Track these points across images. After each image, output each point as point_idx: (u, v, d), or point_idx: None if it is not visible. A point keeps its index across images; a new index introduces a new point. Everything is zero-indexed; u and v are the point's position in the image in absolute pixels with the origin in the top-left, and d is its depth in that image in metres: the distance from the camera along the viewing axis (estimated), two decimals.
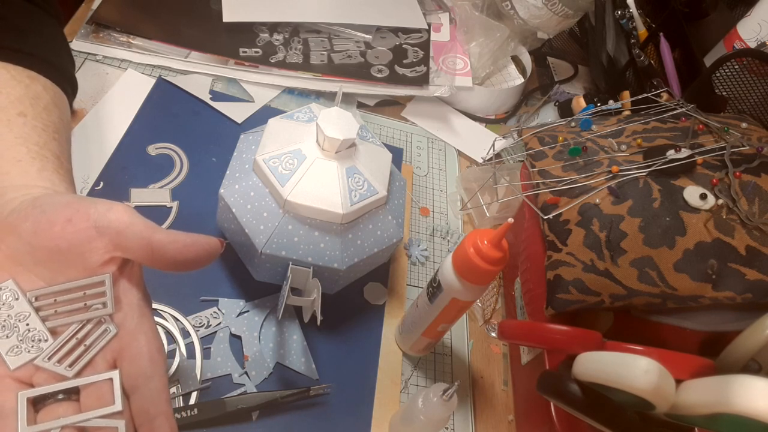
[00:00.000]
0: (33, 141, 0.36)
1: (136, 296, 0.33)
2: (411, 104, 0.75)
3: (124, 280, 0.33)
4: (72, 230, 0.30)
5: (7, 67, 0.40)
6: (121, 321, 0.32)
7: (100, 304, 0.31)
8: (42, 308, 0.31)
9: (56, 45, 0.46)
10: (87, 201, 0.31)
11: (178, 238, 0.32)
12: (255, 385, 0.46)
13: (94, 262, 0.31)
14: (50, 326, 0.31)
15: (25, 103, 0.38)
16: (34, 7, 0.45)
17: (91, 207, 0.31)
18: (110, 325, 0.31)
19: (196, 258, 0.32)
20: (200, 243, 0.32)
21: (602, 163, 0.48)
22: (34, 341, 0.30)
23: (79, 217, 0.30)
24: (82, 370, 0.30)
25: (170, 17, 0.69)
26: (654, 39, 0.71)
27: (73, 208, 0.31)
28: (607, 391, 0.34)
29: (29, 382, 0.30)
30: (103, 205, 0.31)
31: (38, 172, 0.35)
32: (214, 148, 0.60)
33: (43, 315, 0.31)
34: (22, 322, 0.30)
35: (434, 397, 0.41)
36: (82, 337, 0.31)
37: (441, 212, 0.66)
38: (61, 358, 0.30)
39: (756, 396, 0.29)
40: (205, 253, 0.33)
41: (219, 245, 0.33)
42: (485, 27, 0.77)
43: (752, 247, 0.41)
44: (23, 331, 0.30)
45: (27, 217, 0.30)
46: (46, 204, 0.31)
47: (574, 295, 0.43)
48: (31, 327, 0.30)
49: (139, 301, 0.33)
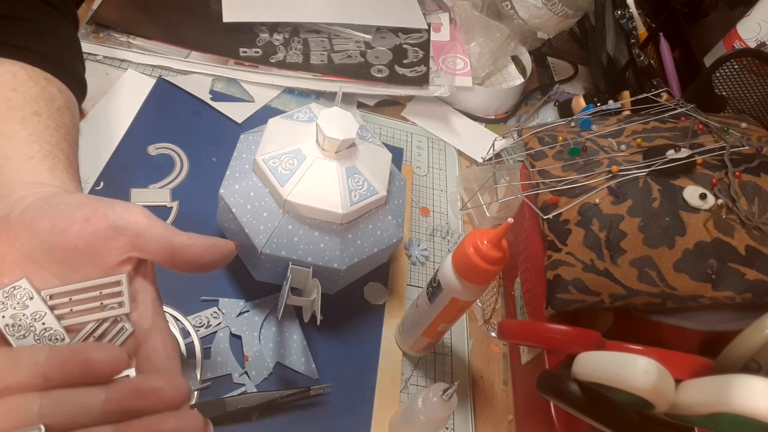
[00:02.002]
0: (45, 140, 0.37)
1: (151, 295, 0.33)
2: (411, 104, 0.75)
3: (140, 279, 0.33)
4: (90, 230, 0.30)
5: (26, 68, 0.40)
6: (136, 319, 0.32)
7: (116, 303, 0.31)
8: (57, 307, 0.31)
9: (71, 49, 0.47)
10: (104, 201, 0.32)
11: (198, 241, 0.32)
12: (255, 385, 0.46)
13: (110, 262, 0.31)
14: (66, 325, 0.31)
15: (41, 103, 0.39)
16: (53, 10, 0.46)
17: (108, 208, 0.31)
18: (126, 323, 0.32)
19: (213, 261, 0.33)
20: (218, 246, 0.33)
21: (602, 163, 0.48)
22: (51, 341, 0.30)
23: (97, 217, 0.31)
24: None
25: (170, 17, 0.69)
26: (654, 39, 0.71)
27: (90, 208, 0.31)
28: (606, 390, 0.34)
29: None
30: (120, 206, 0.32)
31: (49, 171, 0.35)
32: (214, 148, 0.60)
33: (59, 314, 0.31)
34: (38, 322, 0.30)
35: (434, 397, 0.41)
36: (99, 336, 0.31)
37: (441, 212, 0.66)
38: None
39: (755, 396, 0.29)
40: (223, 256, 0.33)
41: (234, 248, 0.34)
42: (485, 27, 0.77)
43: (752, 247, 0.42)
44: (39, 331, 0.30)
45: (43, 216, 0.30)
46: (63, 203, 0.31)
47: (573, 295, 0.43)
48: (48, 326, 0.30)
49: (154, 300, 0.33)
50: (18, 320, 0.30)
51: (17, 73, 0.40)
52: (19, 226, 0.31)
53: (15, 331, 0.30)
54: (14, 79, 0.39)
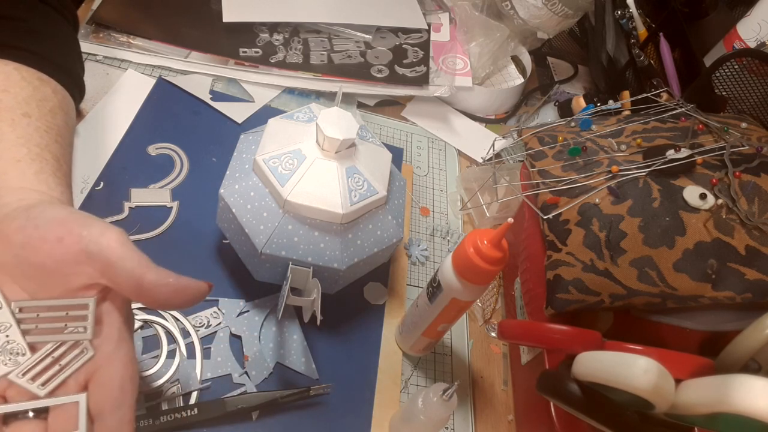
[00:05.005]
0: (34, 142, 0.37)
1: (117, 320, 0.33)
2: (411, 104, 0.75)
3: (108, 304, 0.32)
4: (61, 251, 0.30)
5: (20, 69, 0.40)
6: (98, 344, 0.32)
7: (81, 327, 0.31)
8: (24, 321, 0.31)
9: (69, 49, 0.47)
10: (80, 220, 0.31)
11: (169, 281, 0.31)
12: (255, 385, 0.46)
13: (76, 285, 0.31)
14: (29, 341, 0.30)
15: (32, 104, 0.39)
16: (52, 11, 0.46)
17: (84, 228, 0.31)
18: (87, 346, 0.31)
19: (182, 303, 0.32)
20: (190, 289, 0.32)
21: (602, 163, 0.48)
22: (12, 354, 0.30)
23: (71, 237, 0.30)
24: (55, 389, 0.30)
25: (170, 17, 0.69)
26: (654, 39, 0.71)
27: (65, 228, 0.30)
28: (606, 390, 0.34)
29: (2, 394, 0.30)
30: (97, 228, 0.31)
31: (35, 175, 0.35)
32: (214, 148, 0.60)
33: (24, 328, 0.30)
34: (2, 333, 0.30)
35: (434, 397, 0.41)
36: (59, 356, 0.31)
37: (441, 212, 0.66)
38: (35, 376, 0.30)
39: (755, 395, 0.29)
40: (193, 298, 0.33)
41: (207, 289, 0.33)
42: (485, 27, 0.77)
43: (752, 247, 0.42)
44: (2, 343, 0.30)
45: (18, 229, 0.30)
46: (40, 218, 0.31)
47: (573, 295, 0.43)
48: (11, 339, 0.30)
49: (120, 326, 0.32)
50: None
51: (10, 73, 0.39)
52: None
53: None
54: (6, 80, 0.39)
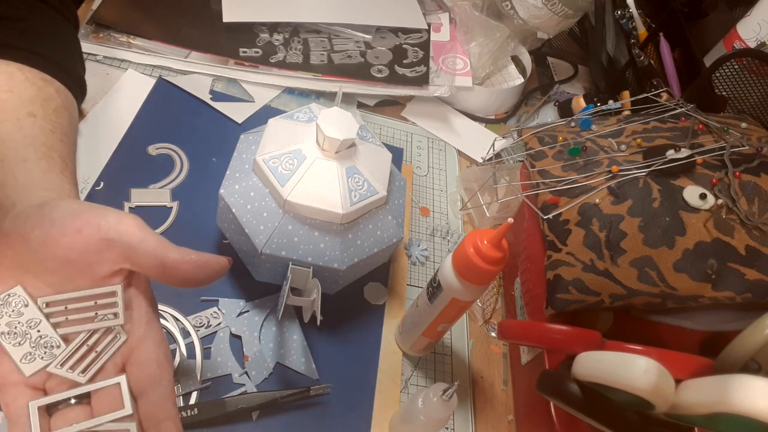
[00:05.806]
0: (41, 142, 0.37)
1: (144, 304, 0.33)
2: (411, 104, 0.75)
3: (133, 289, 0.33)
4: (82, 241, 0.30)
5: (23, 69, 0.40)
6: (130, 328, 0.32)
7: (111, 314, 0.32)
8: (52, 315, 0.31)
9: (70, 49, 0.47)
10: (96, 211, 0.31)
11: (191, 257, 0.32)
12: (255, 385, 0.46)
13: (102, 273, 0.31)
14: (61, 333, 0.31)
15: (36, 104, 0.39)
16: (53, 11, 0.46)
17: (101, 218, 0.31)
18: (120, 331, 0.32)
19: (205, 278, 0.33)
20: (211, 263, 0.33)
21: (602, 163, 0.48)
22: (46, 348, 0.30)
23: (89, 228, 0.31)
24: (94, 375, 0.31)
25: (170, 17, 0.69)
26: (654, 39, 0.71)
27: (83, 219, 0.31)
28: (606, 390, 0.34)
29: (42, 387, 0.31)
30: (114, 216, 0.31)
31: (43, 173, 0.35)
32: (215, 148, 0.60)
33: (54, 322, 0.31)
34: (33, 329, 0.30)
35: (434, 397, 0.41)
36: (93, 344, 0.31)
37: (441, 212, 0.66)
38: (74, 365, 0.31)
39: (755, 396, 0.29)
40: (215, 274, 0.33)
41: (227, 264, 0.34)
42: (485, 27, 0.77)
43: (752, 247, 0.42)
44: (35, 338, 0.30)
45: (35, 225, 0.30)
46: (55, 213, 0.31)
47: (573, 295, 0.43)
48: (43, 333, 0.31)
49: (147, 308, 0.33)
50: (13, 328, 0.30)
51: (13, 74, 0.39)
52: (11, 234, 0.31)
53: (11, 338, 0.30)
54: (10, 81, 0.39)
